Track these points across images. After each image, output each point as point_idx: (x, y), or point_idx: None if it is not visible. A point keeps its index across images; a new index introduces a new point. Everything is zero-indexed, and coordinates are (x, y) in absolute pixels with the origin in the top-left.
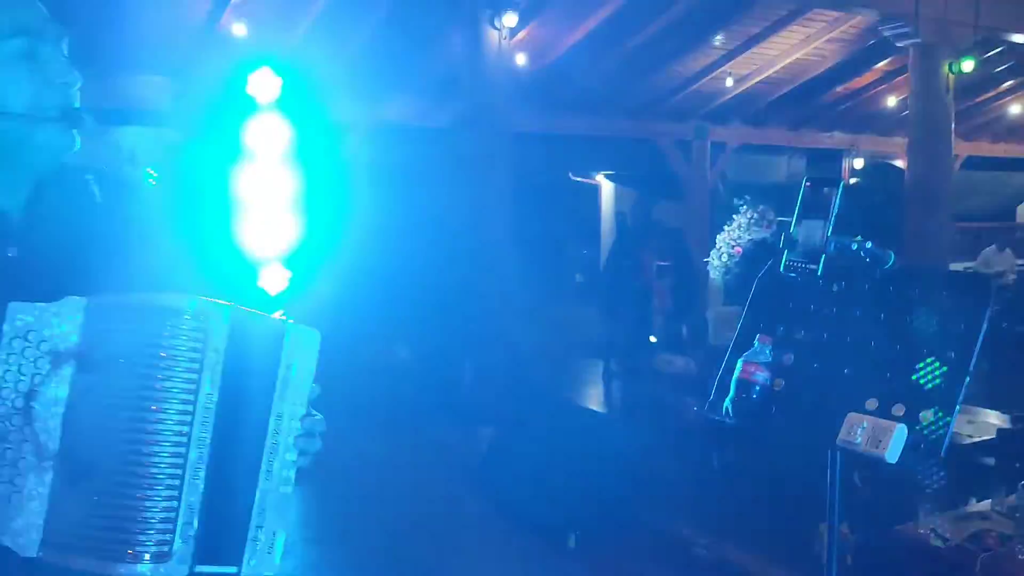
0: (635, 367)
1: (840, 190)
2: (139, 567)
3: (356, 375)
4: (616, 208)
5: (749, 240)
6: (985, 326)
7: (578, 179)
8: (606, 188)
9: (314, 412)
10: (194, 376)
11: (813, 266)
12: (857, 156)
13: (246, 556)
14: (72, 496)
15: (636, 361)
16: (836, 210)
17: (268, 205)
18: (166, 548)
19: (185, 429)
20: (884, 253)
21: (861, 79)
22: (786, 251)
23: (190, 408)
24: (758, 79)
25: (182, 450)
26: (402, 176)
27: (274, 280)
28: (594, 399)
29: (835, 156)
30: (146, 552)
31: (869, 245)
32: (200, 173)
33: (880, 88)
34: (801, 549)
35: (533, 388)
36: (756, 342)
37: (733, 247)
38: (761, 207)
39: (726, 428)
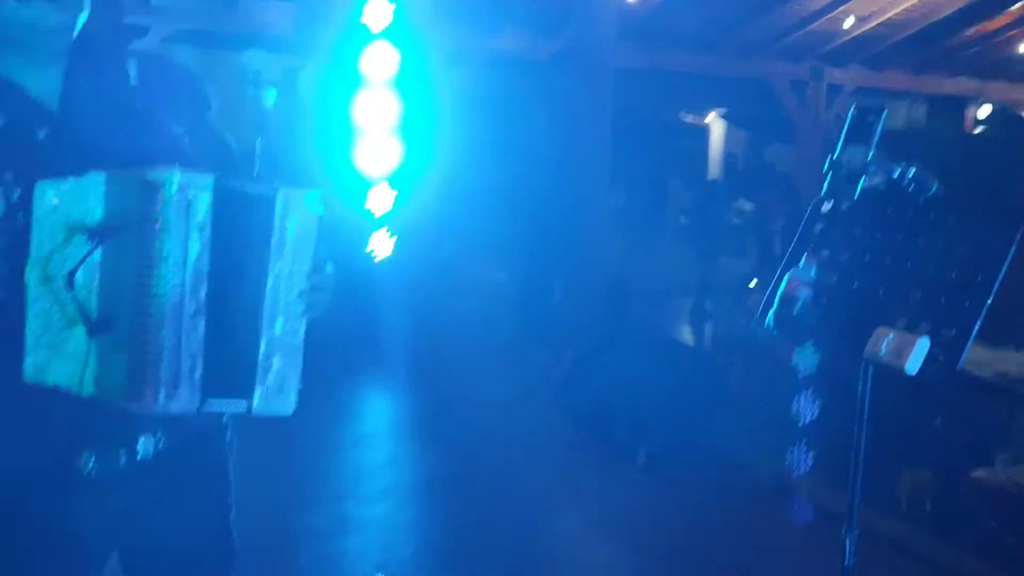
0: (731, 308)
1: (883, 118)
2: (153, 405)
3: (454, 294)
4: (726, 149)
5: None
6: (1013, 250)
7: (688, 119)
8: (716, 128)
9: (327, 267)
10: (182, 240)
11: (853, 188)
12: (984, 104)
13: (256, 393)
14: (101, 347)
15: (732, 302)
16: (878, 137)
17: (376, 128)
18: (173, 388)
19: (179, 288)
20: (927, 180)
21: (993, 22)
22: (829, 175)
23: (181, 269)
24: (880, 19)
25: (179, 305)
26: (507, 106)
27: (380, 200)
28: (683, 334)
29: (959, 103)
30: (158, 391)
31: (912, 172)
32: (318, 95)
33: (1013, 32)
34: (880, 491)
35: (621, 317)
36: (803, 260)
37: None
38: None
39: (816, 375)
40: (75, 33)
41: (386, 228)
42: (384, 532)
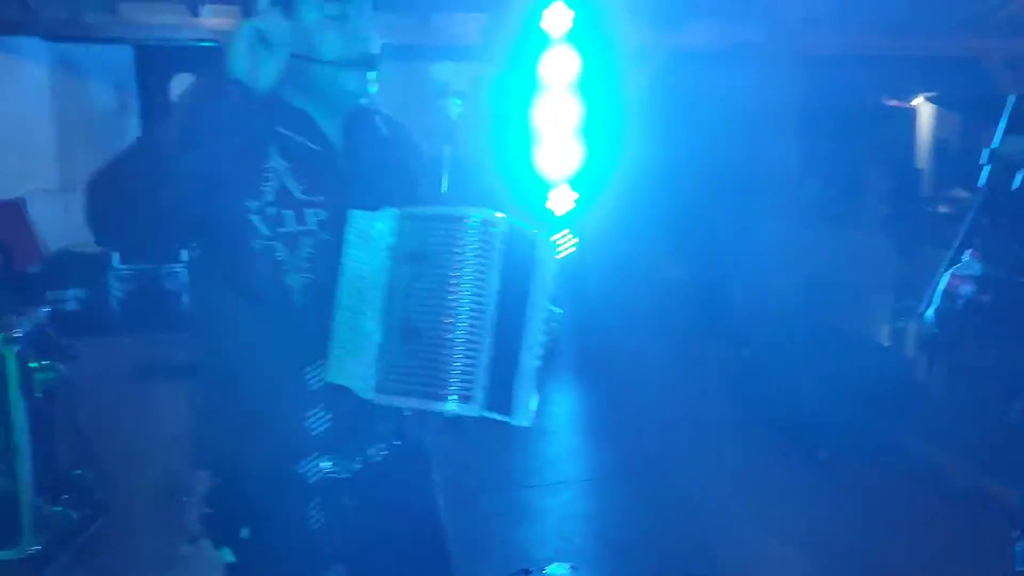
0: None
1: None
2: (448, 405)
3: (631, 289)
4: (935, 134)
5: None
6: None
7: (891, 103)
8: (924, 112)
9: (553, 306)
10: (483, 269)
11: (1012, 180)
12: None
13: (514, 406)
14: (396, 352)
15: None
16: None
17: (557, 132)
18: (468, 393)
19: (478, 309)
20: None
21: None
22: (988, 166)
23: (481, 293)
24: None
25: (476, 324)
26: (688, 100)
27: (562, 201)
28: (876, 329)
29: None
30: (454, 395)
31: None
32: (502, 103)
33: None
34: None
35: (809, 310)
36: (966, 256)
37: None
38: None
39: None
40: (363, 100)
41: (567, 229)
42: (561, 521)
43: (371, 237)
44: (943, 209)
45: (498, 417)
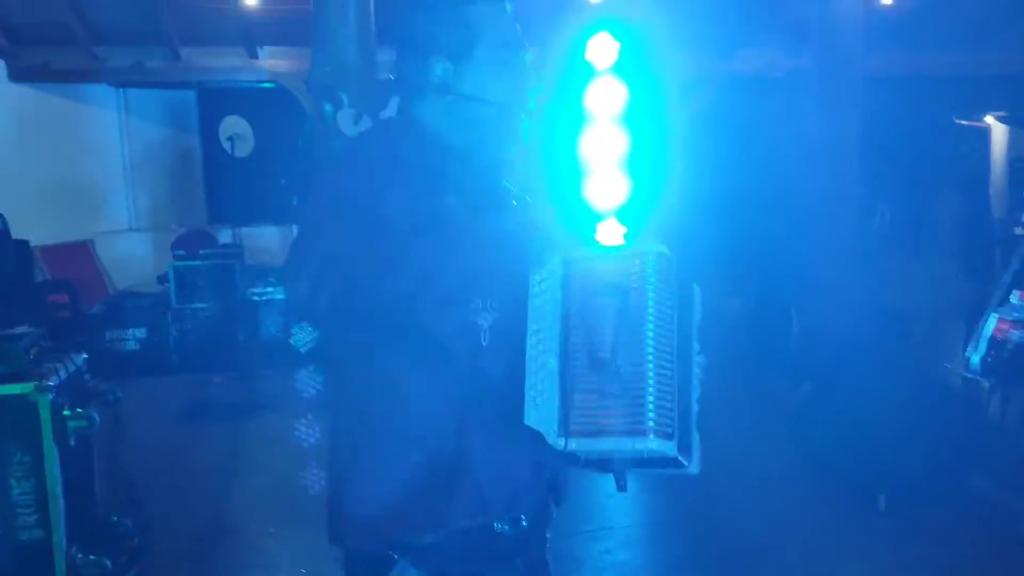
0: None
1: None
2: (650, 442)
3: None
4: (1010, 154)
5: None
6: None
7: (963, 123)
8: (998, 131)
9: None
10: (667, 304)
11: None
12: None
13: (691, 452)
14: (582, 392)
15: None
16: None
17: (603, 163)
18: (668, 430)
19: (666, 343)
20: None
21: None
22: None
23: (667, 327)
24: None
25: (664, 359)
26: (743, 128)
27: (610, 234)
28: (946, 362)
29: None
30: (654, 431)
31: None
32: (545, 134)
33: None
34: None
35: (873, 344)
36: (1014, 298)
37: None
38: None
39: None
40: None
41: None
42: (602, 572)
43: (548, 275)
44: (1019, 231)
45: (682, 459)
